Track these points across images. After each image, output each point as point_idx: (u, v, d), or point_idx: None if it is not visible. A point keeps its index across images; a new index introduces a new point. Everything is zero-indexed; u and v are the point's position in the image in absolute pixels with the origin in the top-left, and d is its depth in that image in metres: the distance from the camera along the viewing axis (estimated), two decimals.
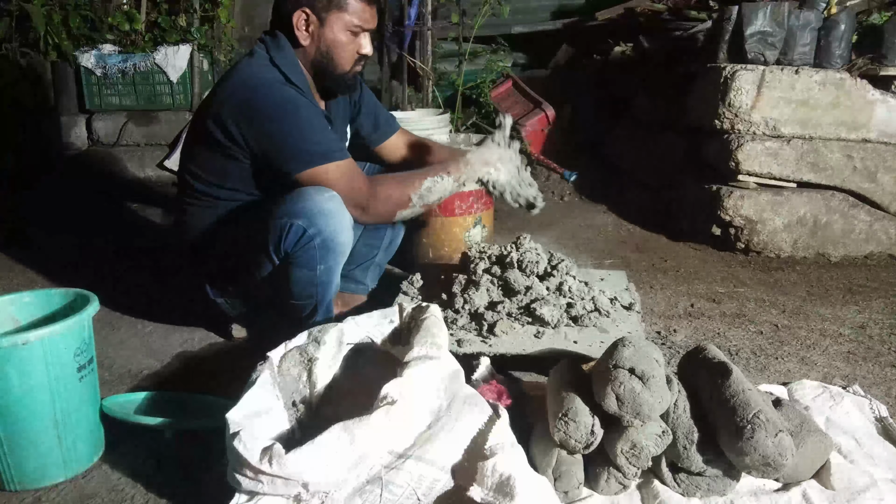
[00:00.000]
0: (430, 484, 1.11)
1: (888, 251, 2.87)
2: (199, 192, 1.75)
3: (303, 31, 1.69)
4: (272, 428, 1.19)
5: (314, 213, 1.54)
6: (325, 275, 1.63)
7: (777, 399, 1.34)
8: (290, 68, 1.69)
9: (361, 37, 1.72)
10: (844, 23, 2.75)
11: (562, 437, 1.18)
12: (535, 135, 4.44)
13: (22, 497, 1.27)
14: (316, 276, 1.62)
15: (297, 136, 1.59)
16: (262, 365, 1.28)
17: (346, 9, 1.67)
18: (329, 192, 1.57)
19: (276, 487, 1.06)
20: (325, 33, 1.69)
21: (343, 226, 1.58)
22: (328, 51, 1.71)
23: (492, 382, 1.46)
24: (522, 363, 1.72)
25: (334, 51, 1.71)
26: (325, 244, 1.57)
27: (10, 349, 1.17)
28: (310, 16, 1.67)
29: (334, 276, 1.66)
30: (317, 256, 1.58)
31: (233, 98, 1.62)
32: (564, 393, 1.24)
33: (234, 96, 1.62)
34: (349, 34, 1.70)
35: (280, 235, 1.57)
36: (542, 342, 1.66)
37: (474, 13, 4.34)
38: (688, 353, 1.40)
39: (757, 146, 2.80)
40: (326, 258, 1.59)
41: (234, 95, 1.62)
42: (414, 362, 1.21)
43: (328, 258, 1.60)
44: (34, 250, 2.77)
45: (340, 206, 1.58)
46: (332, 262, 1.61)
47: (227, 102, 1.62)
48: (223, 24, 4.25)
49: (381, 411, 1.09)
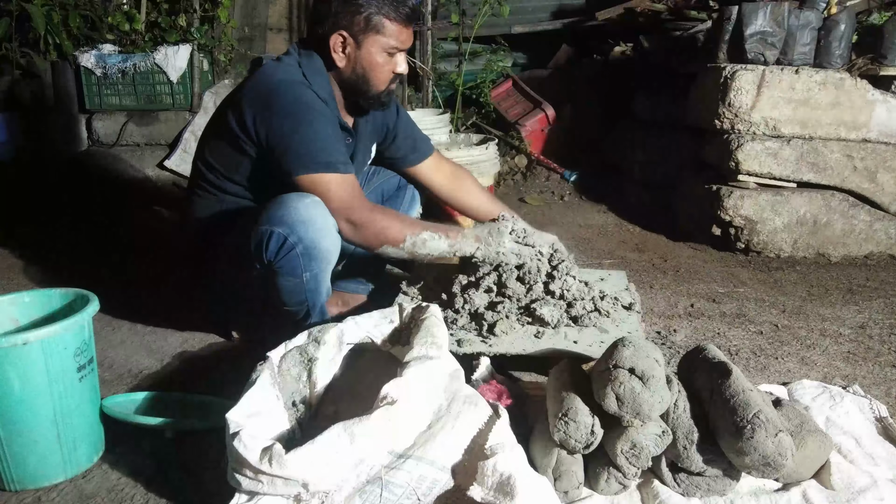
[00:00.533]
0: (431, 484, 1.11)
1: (888, 251, 2.87)
2: (207, 182, 1.76)
3: (339, 54, 1.70)
4: (272, 428, 1.19)
5: (294, 221, 1.53)
6: (311, 282, 1.62)
7: (777, 399, 1.34)
8: (316, 78, 1.70)
9: (397, 56, 1.74)
10: (844, 23, 2.75)
11: (562, 437, 1.18)
12: (535, 135, 4.45)
13: (22, 497, 1.27)
14: (303, 283, 1.61)
15: (307, 139, 1.59)
16: (262, 365, 1.28)
17: (384, 32, 1.68)
18: (311, 199, 1.56)
19: (276, 487, 1.06)
20: (361, 55, 1.70)
21: (325, 232, 1.57)
22: (364, 73, 1.72)
23: (492, 382, 1.46)
24: (522, 363, 1.72)
25: (371, 72, 1.73)
26: (308, 252, 1.55)
27: (10, 349, 1.17)
28: (347, 38, 1.68)
29: (322, 282, 1.65)
30: (301, 264, 1.57)
31: (253, 90, 1.65)
32: (564, 393, 1.24)
33: (254, 89, 1.65)
34: (385, 55, 1.72)
35: (261, 243, 1.56)
36: (542, 342, 1.66)
37: (474, 13, 4.34)
38: (688, 353, 1.40)
39: (757, 146, 2.80)
40: (311, 265, 1.58)
41: (256, 88, 1.65)
42: (414, 362, 1.21)
43: (312, 265, 1.58)
44: (34, 250, 2.77)
45: (323, 213, 1.56)
46: (318, 268, 1.60)
47: (248, 94, 1.65)
48: (223, 24, 4.24)
49: (381, 411, 1.09)
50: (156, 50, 3.91)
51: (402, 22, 1.69)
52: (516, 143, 4.41)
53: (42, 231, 3.07)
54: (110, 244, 2.88)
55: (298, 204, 1.54)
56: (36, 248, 2.81)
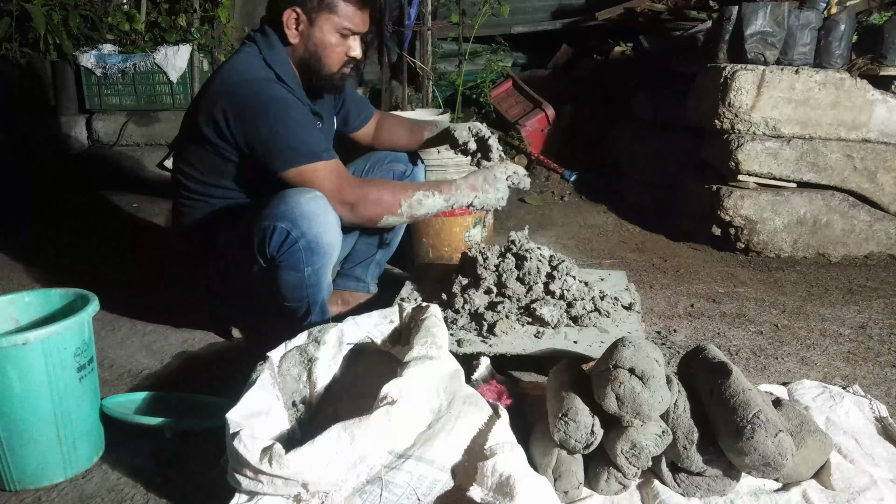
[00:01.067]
0: (431, 484, 1.11)
1: (888, 251, 2.87)
2: (192, 191, 1.75)
3: (292, 30, 1.69)
4: (272, 428, 1.19)
5: (297, 216, 1.53)
6: (313, 276, 1.62)
7: (777, 399, 1.34)
8: (281, 67, 1.69)
9: (351, 39, 1.73)
10: (844, 23, 2.75)
11: (562, 437, 1.18)
12: (535, 135, 4.44)
13: (22, 497, 1.27)
14: (304, 278, 1.61)
15: (285, 134, 1.58)
16: (262, 365, 1.28)
17: (337, 11, 1.67)
18: (312, 193, 1.56)
19: (276, 487, 1.06)
20: (314, 33, 1.69)
21: (327, 226, 1.57)
22: (316, 51, 1.71)
23: (492, 382, 1.46)
24: (522, 363, 1.71)
25: (322, 51, 1.72)
26: (310, 246, 1.55)
27: (10, 349, 1.17)
28: (300, 15, 1.67)
29: (323, 277, 1.65)
30: (303, 259, 1.57)
31: (223, 94, 1.62)
32: (564, 393, 1.24)
33: (224, 93, 1.62)
34: (338, 36, 1.71)
35: (264, 238, 1.56)
36: (542, 342, 1.66)
37: (474, 13, 4.34)
38: (688, 352, 1.40)
39: (757, 146, 2.80)
40: (313, 260, 1.58)
41: (225, 92, 1.62)
42: (414, 362, 1.21)
43: (314, 260, 1.58)
44: (34, 250, 2.77)
45: (325, 206, 1.57)
46: (319, 263, 1.60)
47: (219, 99, 1.62)
48: (223, 24, 4.25)
49: (381, 411, 1.09)
50: (156, 50, 3.91)
51: (356, 4, 1.69)
52: (516, 142, 4.41)
53: (42, 231, 3.07)
54: (110, 244, 2.88)
55: (300, 199, 1.54)
56: (36, 248, 2.81)
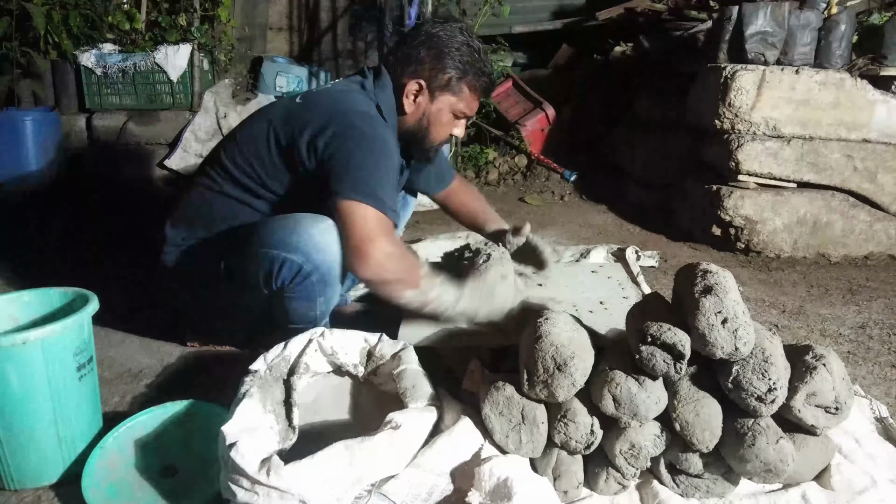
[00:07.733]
0: (430, 489, 1.11)
1: (888, 251, 2.87)
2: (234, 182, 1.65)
3: (410, 100, 1.69)
4: (266, 441, 1.16)
5: (310, 249, 1.46)
6: (324, 304, 1.58)
7: None
8: (391, 118, 1.69)
9: (461, 120, 1.75)
10: (844, 23, 2.75)
11: (562, 438, 1.18)
12: (536, 135, 4.45)
13: (22, 496, 1.27)
14: (315, 306, 1.57)
15: (370, 173, 1.50)
16: (250, 378, 1.26)
17: (459, 95, 1.69)
18: (326, 222, 1.47)
19: (271, 500, 1.03)
20: (431, 109, 1.70)
21: (338, 256, 1.49)
22: (428, 126, 1.72)
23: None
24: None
25: (433, 127, 1.72)
26: (324, 279, 1.50)
27: (10, 348, 1.17)
28: (423, 88, 1.67)
29: (333, 303, 1.62)
30: (316, 290, 1.53)
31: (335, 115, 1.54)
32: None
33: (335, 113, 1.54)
34: (452, 117, 1.72)
35: (272, 269, 1.49)
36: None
37: (474, 13, 4.34)
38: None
39: (757, 146, 2.80)
40: (325, 291, 1.54)
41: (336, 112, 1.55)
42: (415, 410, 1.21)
43: (327, 291, 1.54)
44: (34, 250, 2.77)
45: (336, 237, 1.48)
46: (332, 293, 1.56)
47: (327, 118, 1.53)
48: (223, 24, 4.25)
49: (384, 434, 1.09)
50: (156, 49, 3.92)
51: (478, 92, 1.71)
52: (516, 142, 4.41)
53: (42, 231, 3.07)
54: (110, 244, 2.88)
55: (313, 230, 1.47)
56: (36, 249, 2.81)
